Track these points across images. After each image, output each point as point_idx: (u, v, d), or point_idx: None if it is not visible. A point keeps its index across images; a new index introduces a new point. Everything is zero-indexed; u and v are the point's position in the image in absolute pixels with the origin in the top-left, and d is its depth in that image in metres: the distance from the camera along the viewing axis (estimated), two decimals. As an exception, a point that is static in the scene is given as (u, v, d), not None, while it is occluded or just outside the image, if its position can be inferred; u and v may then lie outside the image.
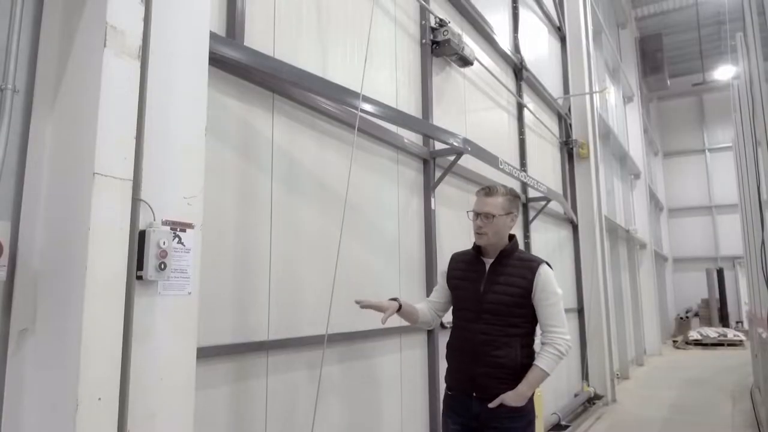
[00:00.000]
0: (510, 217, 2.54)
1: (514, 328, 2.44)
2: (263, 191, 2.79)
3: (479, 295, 2.50)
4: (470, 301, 2.53)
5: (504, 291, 2.46)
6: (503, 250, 2.54)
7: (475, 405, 2.44)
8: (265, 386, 2.68)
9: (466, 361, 2.49)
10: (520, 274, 2.48)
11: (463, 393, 2.51)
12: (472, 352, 2.46)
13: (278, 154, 2.90)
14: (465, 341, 2.52)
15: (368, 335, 3.47)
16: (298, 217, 3.00)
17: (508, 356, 2.41)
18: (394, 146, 3.96)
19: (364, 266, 3.53)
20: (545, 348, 2.45)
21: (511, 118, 6.55)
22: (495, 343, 2.42)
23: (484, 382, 2.42)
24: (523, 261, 2.54)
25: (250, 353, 2.61)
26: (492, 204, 2.50)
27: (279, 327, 2.79)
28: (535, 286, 2.45)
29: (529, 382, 2.41)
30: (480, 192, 2.60)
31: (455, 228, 4.84)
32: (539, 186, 5.84)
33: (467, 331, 2.52)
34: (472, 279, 2.56)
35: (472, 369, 2.45)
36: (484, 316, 2.45)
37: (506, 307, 2.44)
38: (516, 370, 2.42)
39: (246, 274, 2.63)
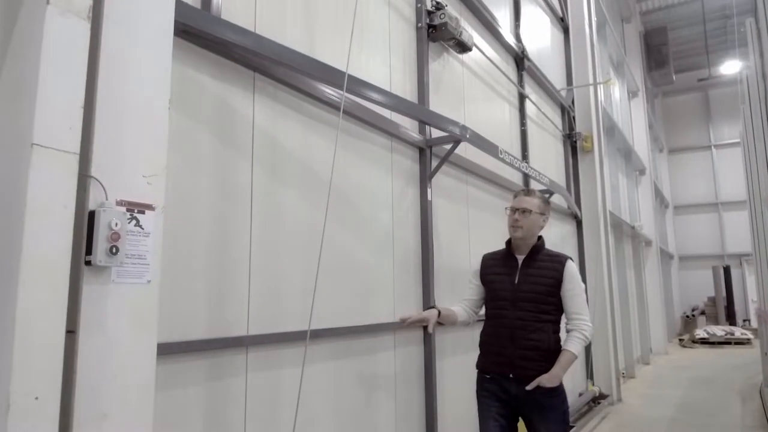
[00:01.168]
0: (542, 218, 2.88)
1: (546, 315, 2.74)
2: (242, 176, 2.60)
3: (514, 286, 2.78)
4: (506, 291, 2.80)
5: (537, 282, 2.76)
6: (534, 246, 2.85)
7: (512, 386, 2.71)
8: (244, 385, 2.50)
9: (504, 345, 2.75)
10: (550, 268, 2.79)
11: (500, 375, 2.77)
12: (509, 337, 2.73)
13: (260, 137, 2.72)
14: (502, 327, 2.78)
15: (359, 331, 3.28)
16: (282, 205, 2.81)
17: (541, 339, 2.70)
18: (388, 133, 3.77)
19: (355, 259, 3.35)
20: (572, 333, 2.75)
21: (512, 109, 6.35)
22: (530, 327, 2.70)
23: (520, 364, 2.69)
24: (551, 257, 2.85)
25: (226, 349, 2.43)
26: (530, 202, 2.85)
27: (260, 321, 2.60)
28: (564, 279, 2.76)
29: (561, 364, 2.68)
30: (520, 192, 2.98)
31: (453, 221, 4.64)
32: (542, 178, 5.64)
33: (504, 318, 2.78)
34: (506, 273, 2.85)
35: (511, 351, 2.72)
36: (520, 304, 2.73)
37: (539, 296, 2.74)
38: (549, 352, 2.71)
39: (222, 264, 2.45)
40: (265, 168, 2.73)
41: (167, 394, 2.15)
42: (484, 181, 5.32)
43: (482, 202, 5.25)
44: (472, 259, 4.87)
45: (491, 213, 5.43)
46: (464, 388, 4.50)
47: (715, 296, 19.10)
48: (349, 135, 3.41)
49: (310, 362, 2.89)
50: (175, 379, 2.19)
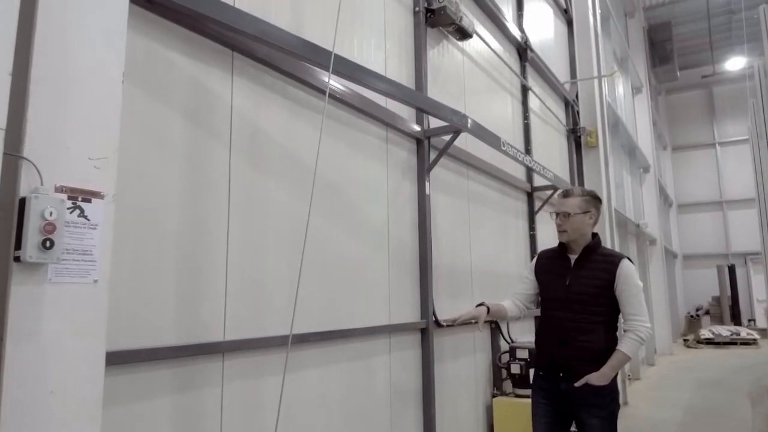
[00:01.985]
0: (588, 215, 2.78)
1: (597, 316, 2.69)
2: (219, 165, 2.36)
3: (565, 287, 2.75)
4: (557, 291, 2.78)
5: (588, 283, 2.71)
6: (587, 246, 2.78)
7: (562, 384, 2.71)
8: (219, 396, 2.26)
9: (554, 345, 2.76)
10: (603, 268, 2.73)
11: (551, 373, 2.76)
12: (559, 338, 2.73)
13: (239, 122, 2.48)
14: (553, 328, 2.78)
15: (351, 334, 3.04)
16: (264, 198, 2.57)
17: (592, 341, 2.67)
18: (383, 122, 3.52)
19: (347, 256, 3.10)
20: (627, 334, 2.69)
21: (514, 101, 6.10)
22: (580, 329, 2.68)
23: (570, 364, 2.68)
24: (605, 256, 2.79)
25: (199, 357, 2.19)
26: (568, 204, 2.77)
27: (238, 325, 2.36)
28: (617, 279, 2.69)
29: (612, 364, 2.65)
30: (559, 194, 2.91)
31: (453, 216, 4.40)
32: (545, 172, 5.40)
33: (555, 319, 2.77)
34: (558, 273, 2.81)
35: (560, 352, 2.72)
36: (570, 306, 2.71)
37: (590, 297, 2.69)
38: (600, 354, 2.66)
39: (195, 261, 2.20)
40: (245, 156, 2.49)
41: (130, 407, 1.91)
42: (487, 175, 5.07)
43: (484, 197, 5.00)
44: (474, 257, 4.63)
45: (494, 209, 5.18)
46: (465, 392, 4.26)
47: (720, 296, 18.84)
48: (341, 123, 3.16)
49: (296, 369, 2.65)
50: (139, 390, 1.95)
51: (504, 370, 4.69)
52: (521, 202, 5.93)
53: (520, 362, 4.52)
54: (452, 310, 4.21)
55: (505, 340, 4.86)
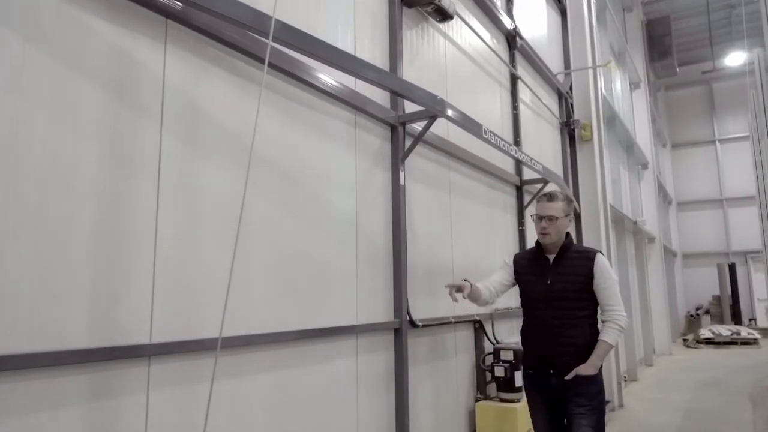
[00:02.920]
0: (568, 218, 2.92)
1: (581, 311, 2.81)
2: (147, 145, 2.09)
3: (547, 286, 2.85)
4: (539, 291, 2.88)
5: (569, 280, 2.82)
6: (563, 246, 2.90)
7: (553, 379, 2.81)
8: (144, 405, 1.99)
9: (541, 343, 2.85)
10: (581, 264, 2.85)
11: (541, 370, 2.86)
12: (546, 335, 2.83)
13: (172, 98, 2.20)
14: (538, 326, 2.88)
15: (309, 336, 2.76)
16: (202, 184, 2.29)
17: (577, 335, 2.79)
18: (351, 106, 3.25)
19: (307, 250, 2.83)
20: (607, 324, 2.83)
21: (503, 91, 5.83)
22: (566, 325, 2.79)
23: (559, 360, 2.79)
24: (580, 253, 2.92)
25: (119, 361, 1.92)
26: (554, 208, 2.87)
27: (168, 327, 2.09)
28: (595, 273, 2.82)
29: (598, 354, 2.79)
30: (542, 198, 2.94)
31: (433, 209, 4.13)
32: (534, 164, 5.12)
33: (540, 317, 2.87)
34: (538, 273, 2.92)
35: (548, 349, 2.82)
36: (553, 303, 2.81)
37: (573, 293, 2.81)
38: (586, 347, 2.80)
39: (115, 253, 1.93)
40: (180, 136, 2.21)
41: (26, 419, 1.64)
42: (471, 167, 4.80)
43: (469, 190, 4.73)
44: (455, 253, 4.35)
45: (480, 202, 4.91)
46: (444, 397, 3.98)
47: (720, 295, 18.55)
48: (300, 104, 2.89)
49: (242, 374, 2.38)
50: (40, 398, 1.68)
51: (488, 373, 4.41)
52: (510, 195, 5.66)
53: (504, 364, 4.25)
54: (431, 310, 3.94)
55: (490, 341, 4.59)
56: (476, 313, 4.49)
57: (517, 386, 4.24)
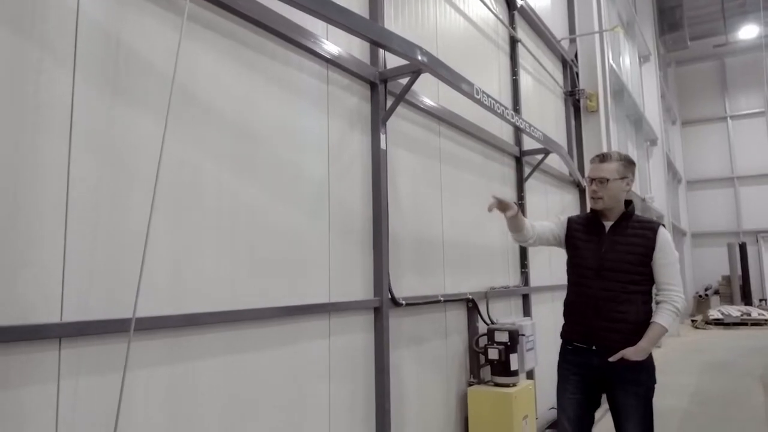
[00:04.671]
0: (625, 182, 2.65)
1: (635, 285, 2.58)
2: (57, 89, 1.74)
3: (600, 255, 2.63)
4: (591, 260, 2.66)
5: (626, 250, 2.59)
6: (624, 213, 2.66)
7: (595, 358, 2.60)
8: (54, 396, 1.67)
9: (587, 316, 2.63)
10: (641, 235, 2.61)
11: (583, 347, 2.66)
12: (593, 308, 2.61)
13: (89, 33, 1.85)
14: (586, 297, 2.65)
15: (266, 315, 2.43)
16: (128, 138, 1.95)
17: (629, 311, 2.56)
18: (321, 57, 2.89)
19: (266, 220, 2.49)
20: (663, 305, 2.59)
21: (501, 54, 5.42)
22: (617, 299, 2.56)
23: (604, 336, 2.57)
24: (642, 223, 2.66)
25: (20, 343, 1.60)
26: (606, 169, 2.62)
27: (84, 303, 1.76)
28: (656, 247, 2.58)
29: (650, 337, 2.54)
30: (594, 159, 2.70)
31: (420, 179, 3.77)
32: (533, 131, 4.74)
33: (588, 287, 2.65)
34: (591, 240, 2.70)
35: (594, 323, 2.60)
36: (605, 274, 2.59)
37: (628, 265, 2.58)
38: (637, 325, 2.56)
39: (13, 215, 1.60)
40: (98, 79, 1.86)
41: None
42: (464, 134, 4.43)
43: (461, 159, 4.36)
44: (445, 225, 4.01)
45: (474, 173, 4.55)
46: (432, 382, 3.67)
47: (730, 275, 18.15)
48: (259, 53, 2.53)
49: (186, 359, 2.06)
50: None
51: (482, 356, 4.10)
52: (508, 167, 5.29)
53: (499, 346, 3.93)
54: (419, 288, 3.61)
55: (484, 321, 4.26)
56: (468, 291, 4.16)
57: (512, 370, 3.92)
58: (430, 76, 3.35)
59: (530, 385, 4.16)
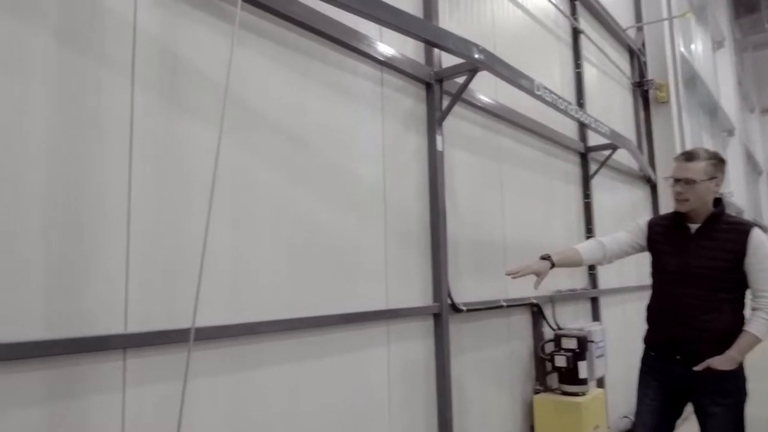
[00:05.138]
0: (714, 182, 2.46)
1: (723, 293, 2.42)
2: (116, 102, 1.78)
3: (685, 260, 2.48)
4: (675, 265, 2.52)
5: (713, 255, 2.43)
6: (712, 214, 2.48)
7: (677, 368, 2.48)
8: (120, 405, 1.70)
9: (671, 324, 2.51)
10: (730, 239, 2.43)
11: (666, 355, 2.54)
12: (677, 315, 2.48)
13: (147, 46, 1.88)
14: (670, 304, 2.52)
15: (331, 323, 2.41)
16: (185, 144, 1.97)
17: (716, 320, 2.40)
18: (375, 60, 2.84)
19: (322, 226, 2.47)
20: (756, 313, 2.42)
21: (562, 47, 5.21)
22: (703, 306, 2.41)
23: (689, 345, 2.44)
24: (732, 225, 2.47)
25: (87, 354, 1.64)
26: (693, 169, 2.44)
27: (147, 313, 1.79)
28: (747, 250, 2.39)
29: (740, 346, 2.38)
30: (679, 157, 2.54)
31: (479, 178, 3.66)
32: (599, 126, 4.51)
33: (671, 294, 2.52)
34: (676, 244, 2.55)
35: (677, 332, 2.47)
36: (691, 280, 2.44)
37: (716, 271, 2.42)
38: (725, 335, 2.40)
39: (78, 225, 1.64)
40: (156, 90, 1.89)
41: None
42: (525, 131, 4.27)
43: (523, 157, 4.21)
44: (507, 226, 3.88)
45: (536, 171, 4.38)
46: (496, 389, 3.55)
47: (821, 273, 16.73)
48: (311, 58, 2.51)
49: (245, 368, 2.07)
50: None
51: (548, 363, 3.93)
52: (573, 164, 5.06)
53: (566, 353, 3.75)
54: (479, 292, 3.50)
55: (550, 327, 4.09)
56: (533, 295, 4.00)
57: (581, 378, 3.74)
58: (488, 73, 3.23)
59: (601, 393, 3.95)
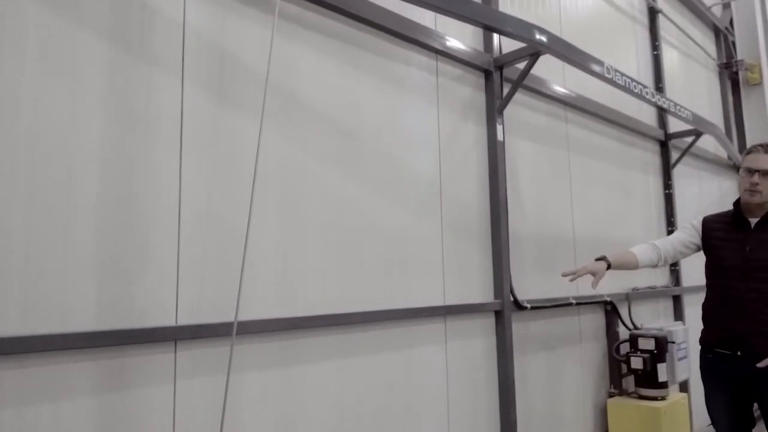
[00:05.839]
0: None
1: None
2: (164, 99, 1.81)
3: (746, 253, 2.47)
4: (734, 260, 2.50)
5: None
6: None
7: (741, 365, 2.44)
8: (171, 395, 1.73)
9: (732, 320, 2.47)
10: None
11: (726, 353, 2.49)
12: (739, 311, 2.44)
13: (194, 43, 1.91)
14: (730, 300, 2.48)
15: (384, 318, 2.37)
16: (235, 140, 1.97)
17: None
18: (428, 48, 2.75)
19: (375, 220, 2.42)
20: None
21: (638, 28, 4.87)
22: (766, 300, 2.39)
23: (753, 341, 2.40)
24: None
25: (139, 346, 1.68)
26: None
27: (197, 306, 1.81)
28: None
29: None
30: (758, 148, 2.52)
31: (544, 170, 3.48)
32: (680, 111, 4.17)
33: (732, 289, 2.48)
34: (735, 238, 2.54)
35: (740, 328, 2.44)
36: (752, 274, 2.43)
37: None
38: None
39: (127, 226, 1.69)
40: (205, 87, 1.91)
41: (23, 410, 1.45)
42: (596, 119, 4.03)
43: (593, 146, 3.97)
44: (576, 219, 3.67)
45: (608, 161, 4.12)
46: (566, 392, 3.36)
47: None
48: (362, 49, 2.47)
49: (294, 362, 2.06)
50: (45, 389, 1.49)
51: (624, 365, 3.68)
52: (651, 153, 4.72)
53: (643, 355, 3.49)
54: (546, 289, 3.33)
55: (625, 326, 3.82)
56: (607, 293, 3.76)
57: (660, 381, 3.47)
58: (555, 58, 3.06)
59: (683, 398, 3.65)
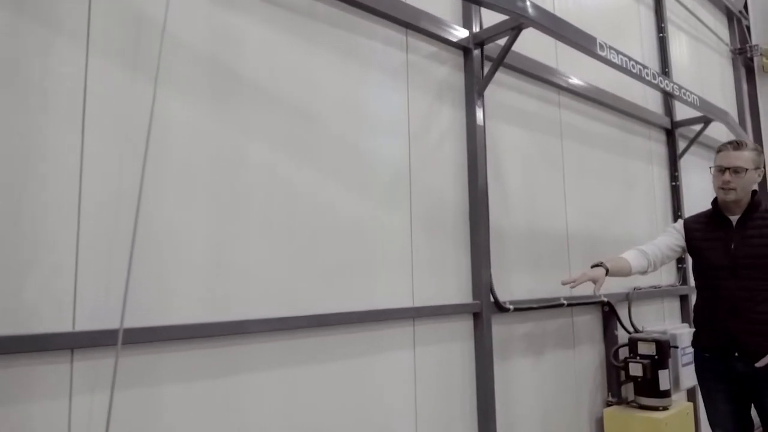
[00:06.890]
0: (758, 172, 2.51)
1: None
2: (65, 69, 1.57)
3: (731, 252, 2.47)
4: (721, 258, 2.49)
5: (760, 243, 2.42)
6: (751, 203, 2.50)
7: (738, 365, 2.43)
8: (66, 412, 1.49)
9: (724, 319, 2.45)
10: None
11: (723, 354, 2.48)
12: (731, 310, 2.44)
13: (104, 5, 1.66)
14: (722, 300, 2.47)
15: (337, 321, 2.10)
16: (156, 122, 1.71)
17: None
18: (396, 21, 2.48)
19: (333, 212, 2.16)
20: None
21: (643, 9, 4.55)
22: (757, 298, 2.39)
23: (747, 340, 2.39)
24: None
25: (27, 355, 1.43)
26: (742, 158, 2.47)
27: (100, 311, 1.56)
28: None
29: None
30: (727, 146, 2.54)
31: (533, 159, 3.19)
32: (686, 95, 3.85)
33: (722, 289, 2.47)
34: (719, 238, 2.53)
35: (733, 327, 2.43)
36: (740, 272, 2.43)
37: (763, 260, 2.40)
38: None
39: (17, 219, 1.44)
40: (114, 55, 1.66)
41: None
42: (593, 104, 3.73)
43: (590, 134, 3.67)
44: (570, 213, 3.38)
45: (607, 150, 3.82)
46: (556, 401, 3.07)
47: None
48: (319, 20, 2.20)
49: (236, 371, 1.80)
50: None
51: (623, 372, 3.38)
52: (656, 141, 4.41)
53: (642, 361, 3.19)
54: (537, 288, 3.05)
55: (624, 329, 3.52)
56: (605, 293, 3.46)
57: (662, 389, 3.17)
58: (546, 37, 2.78)
59: (688, 408, 3.35)
